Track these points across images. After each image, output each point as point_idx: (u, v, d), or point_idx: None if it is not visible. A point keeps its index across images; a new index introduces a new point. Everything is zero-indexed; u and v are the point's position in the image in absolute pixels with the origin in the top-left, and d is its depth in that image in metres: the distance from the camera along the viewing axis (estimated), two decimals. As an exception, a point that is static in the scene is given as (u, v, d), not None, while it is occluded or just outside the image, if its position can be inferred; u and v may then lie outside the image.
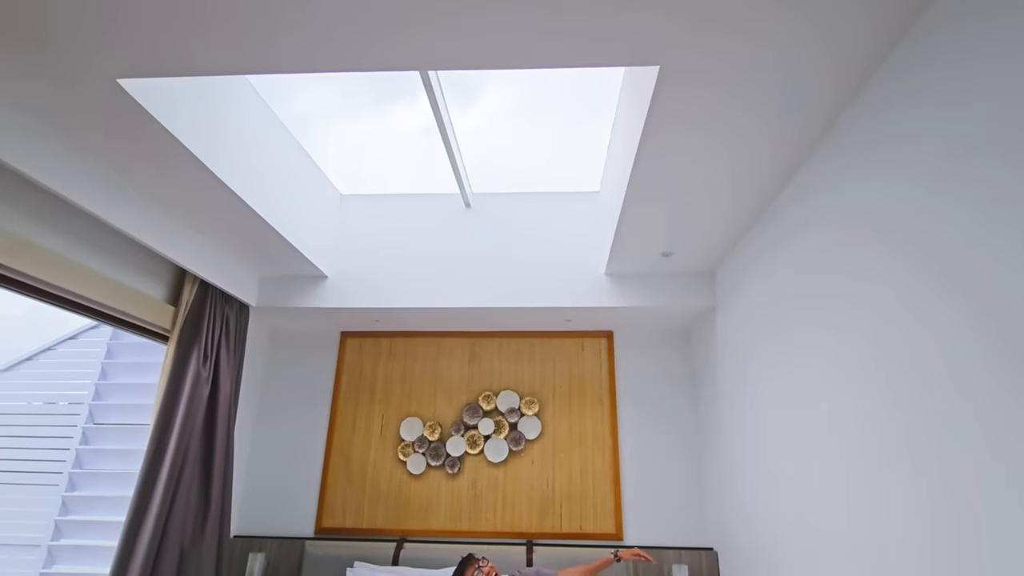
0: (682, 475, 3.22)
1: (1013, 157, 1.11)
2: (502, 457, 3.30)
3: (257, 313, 3.28)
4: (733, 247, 2.72)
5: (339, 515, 3.26)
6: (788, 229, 2.14)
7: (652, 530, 3.13)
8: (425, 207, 3.36)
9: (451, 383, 3.50)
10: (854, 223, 1.68)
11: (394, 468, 3.33)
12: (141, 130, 1.84)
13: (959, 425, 1.24)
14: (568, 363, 3.49)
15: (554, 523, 3.17)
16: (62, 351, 4.04)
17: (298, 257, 2.93)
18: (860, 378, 1.65)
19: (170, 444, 2.41)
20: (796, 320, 2.07)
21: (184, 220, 2.49)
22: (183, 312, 2.63)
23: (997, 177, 1.15)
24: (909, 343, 1.42)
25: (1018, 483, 1.08)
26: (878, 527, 1.55)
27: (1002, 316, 1.13)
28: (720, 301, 2.94)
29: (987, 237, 1.17)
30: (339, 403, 3.49)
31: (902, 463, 1.44)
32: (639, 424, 3.34)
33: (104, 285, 2.26)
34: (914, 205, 1.41)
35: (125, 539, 2.21)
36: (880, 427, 1.54)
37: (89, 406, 3.61)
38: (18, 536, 3.40)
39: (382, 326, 3.53)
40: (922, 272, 1.37)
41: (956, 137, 1.27)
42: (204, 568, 2.50)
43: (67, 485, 3.43)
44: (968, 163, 1.23)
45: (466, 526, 3.20)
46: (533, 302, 3.09)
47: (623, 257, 2.88)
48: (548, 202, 3.32)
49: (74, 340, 4.05)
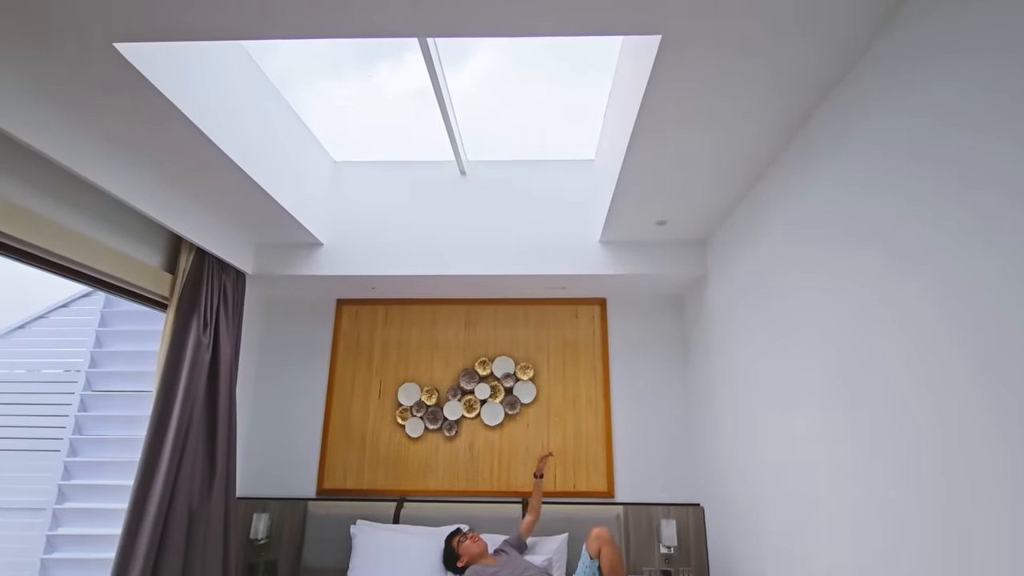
0: (671, 436, 3.35)
1: (998, 135, 1.16)
2: (498, 420, 3.40)
3: (253, 281, 3.29)
4: (726, 217, 2.77)
5: (340, 477, 3.36)
6: (779, 199, 2.19)
7: (642, 488, 3.28)
8: (420, 174, 3.35)
9: (447, 349, 3.56)
10: (841, 195, 1.73)
11: (393, 431, 3.42)
12: (137, 95, 1.81)
13: (937, 387, 1.33)
14: (562, 329, 3.56)
15: (549, 482, 3.29)
16: (54, 319, 4.03)
17: (294, 224, 2.93)
18: (843, 344, 1.73)
19: (174, 410, 2.45)
20: (784, 289, 2.14)
21: (180, 187, 2.47)
22: (181, 280, 2.63)
23: (979, 155, 1.20)
24: (890, 310, 1.49)
25: (988, 446, 1.17)
26: (855, 484, 1.66)
27: (969, 283, 1.20)
28: (712, 269, 3.01)
29: (971, 209, 1.23)
30: (337, 369, 3.55)
31: (883, 425, 1.54)
32: (631, 388, 3.44)
33: (103, 253, 2.25)
34: (897, 179, 1.45)
35: (135, 501, 2.27)
36: (861, 390, 1.63)
37: (86, 373, 3.63)
38: (22, 500, 3.46)
39: (378, 293, 3.56)
40: (901, 244, 1.43)
41: (941, 114, 1.31)
42: (213, 528, 2.58)
43: (68, 451, 3.48)
44: (953, 139, 1.27)
45: (463, 486, 3.32)
46: (528, 270, 3.13)
47: (618, 225, 2.92)
48: (543, 170, 3.33)
49: (66, 308, 4.03)
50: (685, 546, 3.09)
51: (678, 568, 3.06)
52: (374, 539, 2.87)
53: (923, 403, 1.38)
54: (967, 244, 1.24)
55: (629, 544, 3.11)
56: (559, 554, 2.88)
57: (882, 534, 1.54)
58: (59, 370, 3.83)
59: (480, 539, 2.72)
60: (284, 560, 3.17)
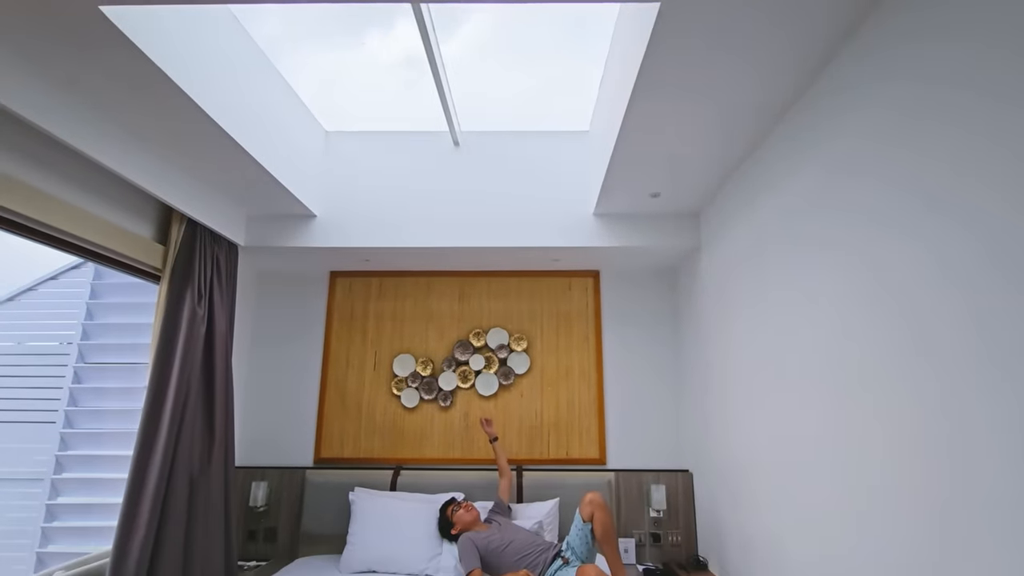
0: (662, 405, 3.43)
1: (995, 95, 1.17)
2: (492, 391, 3.45)
3: (246, 253, 3.27)
4: (720, 189, 2.78)
5: (337, 446, 3.41)
6: (772, 173, 2.20)
7: (633, 455, 3.37)
8: (413, 145, 3.31)
9: (442, 321, 3.59)
10: (835, 168, 1.74)
11: (388, 402, 3.47)
12: (123, 60, 1.77)
13: (927, 355, 1.37)
14: (556, 301, 3.60)
15: (542, 451, 3.38)
16: (44, 292, 3.99)
17: (285, 195, 2.90)
18: (832, 315, 1.77)
19: (171, 380, 2.46)
20: (776, 261, 2.17)
21: (170, 157, 2.44)
22: (173, 251, 2.61)
23: (976, 117, 1.21)
24: (879, 281, 1.52)
25: (979, 409, 1.22)
26: (843, 451, 1.72)
27: (960, 255, 1.23)
28: (705, 242, 3.04)
29: (961, 186, 1.25)
30: (331, 341, 3.57)
31: (871, 392, 1.59)
32: (623, 359, 3.50)
33: (93, 223, 2.23)
34: (891, 150, 1.47)
35: (135, 470, 2.30)
36: (850, 360, 1.68)
37: (78, 346, 3.62)
38: (20, 471, 3.49)
39: (371, 265, 3.55)
40: (891, 219, 1.46)
41: (935, 88, 1.32)
42: (214, 495, 2.63)
43: (64, 422, 3.50)
44: (950, 104, 1.29)
45: (459, 454, 3.39)
46: (522, 242, 3.14)
47: (612, 197, 2.92)
48: (537, 141, 3.30)
49: (56, 281, 3.99)
50: (674, 510, 3.20)
51: (667, 530, 3.18)
52: (372, 505, 2.94)
53: (912, 370, 1.43)
54: (955, 220, 1.27)
55: (620, 508, 3.21)
56: (550, 517, 2.97)
57: (867, 499, 1.61)
58: (50, 343, 3.82)
59: (473, 508, 2.79)
60: (284, 526, 3.24)
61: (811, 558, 1.90)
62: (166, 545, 2.34)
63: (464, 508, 2.78)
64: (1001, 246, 1.15)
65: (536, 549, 2.58)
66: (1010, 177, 1.13)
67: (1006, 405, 1.13)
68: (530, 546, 2.59)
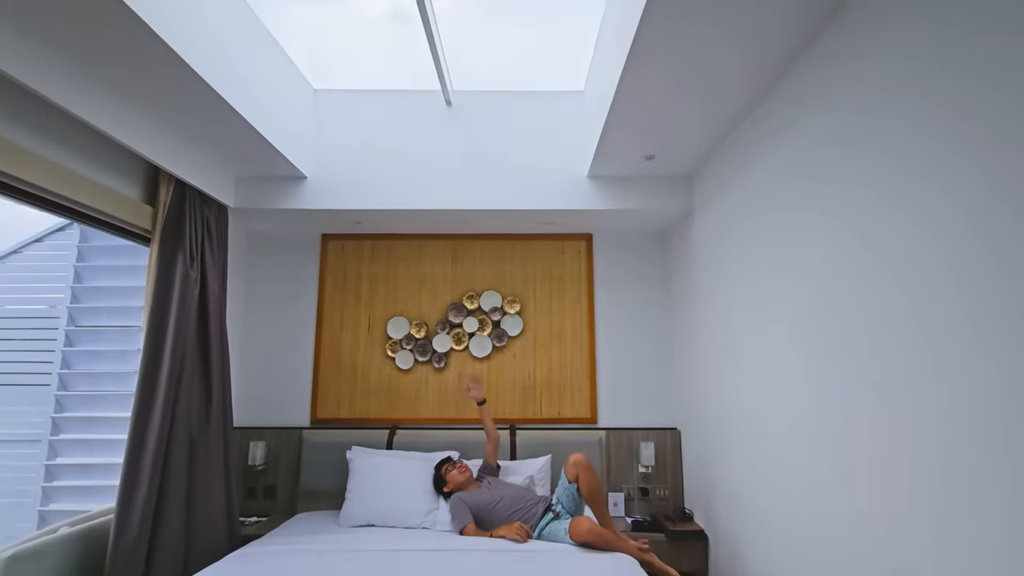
0: (652, 366, 3.51)
1: (981, 66, 1.17)
2: (486, 352, 3.50)
3: (236, 215, 3.23)
4: (714, 151, 2.77)
5: (333, 407, 3.46)
6: (766, 138, 2.20)
7: (623, 414, 3.46)
8: (404, 104, 3.25)
9: (435, 284, 3.60)
10: (827, 134, 1.74)
11: (383, 364, 3.51)
12: (108, 16, 1.70)
13: (910, 320, 1.41)
14: (549, 264, 3.61)
15: (535, 410, 3.46)
16: (29, 254, 3.93)
17: (274, 155, 2.84)
18: (820, 278, 1.80)
19: (167, 343, 2.47)
20: (766, 224, 2.19)
21: (156, 115, 2.37)
22: (163, 212, 2.57)
23: (966, 89, 1.22)
24: (867, 245, 1.55)
25: (963, 367, 1.27)
26: (821, 413, 1.79)
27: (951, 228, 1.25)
28: (698, 205, 3.05)
29: (953, 149, 1.27)
30: (325, 304, 3.57)
31: (856, 356, 1.64)
32: (615, 321, 3.56)
33: (81, 183, 2.18)
34: (884, 118, 1.48)
35: (135, 430, 2.33)
36: (836, 322, 1.72)
37: (68, 309, 3.60)
38: (18, 432, 3.52)
39: (363, 228, 3.53)
40: (882, 184, 1.47)
41: (932, 53, 1.31)
42: (213, 454, 2.68)
43: (58, 385, 3.50)
44: (940, 76, 1.29)
45: (453, 414, 3.46)
46: (516, 204, 3.13)
47: (607, 160, 2.91)
48: (531, 101, 3.25)
49: (40, 243, 3.93)
50: (662, 466, 3.32)
51: (655, 485, 3.30)
52: (370, 463, 3.01)
53: (897, 334, 1.47)
54: (944, 184, 1.29)
55: (610, 464, 3.33)
56: (542, 473, 3.07)
57: (844, 457, 1.68)
58: (38, 306, 3.79)
59: (467, 469, 2.87)
60: (283, 484, 3.32)
61: (789, 510, 2.00)
62: (168, 502, 2.40)
63: (458, 468, 2.85)
64: (992, 215, 1.18)
65: (526, 504, 2.68)
66: (1003, 145, 1.15)
67: (991, 371, 1.18)
68: (520, 501, 2.69)
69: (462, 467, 2.86)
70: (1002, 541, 1.14)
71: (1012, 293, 1.12)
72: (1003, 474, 1.14)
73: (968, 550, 1.22)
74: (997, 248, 1.16)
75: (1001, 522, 1.14)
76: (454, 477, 2.82)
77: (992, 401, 1.17)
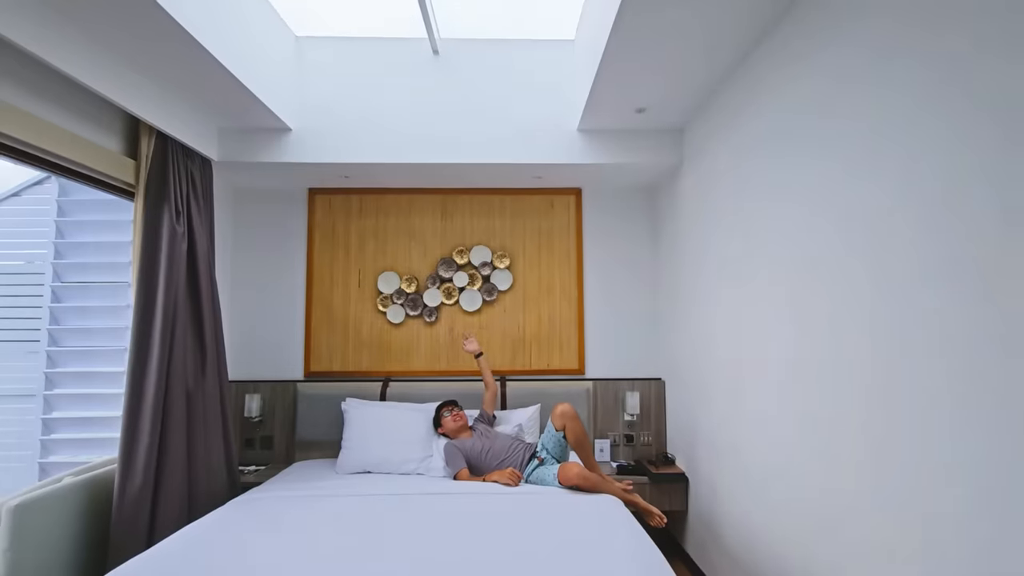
0: (639, 319, 3.59)
1: (982, 4, 1.18)
2: (476, 306, 3.55)
3: (220, 169, 3.17)
4: (705, 104, 2.75)
5: (326, 360, 3.52)
6: (757, 89, 2.18)
7: (610, 365, 3.56)
8: (389, 53, 3.15)
9: (424, 239, 3.60)
10: (820, 85, 1.74)
11: (375, 318, 3.55)
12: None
13: (891, 273, 1.47)
14: (538, 219, 3.62)
15: (524, 362, 3.54)
16: (5, 208, 3.84)
17: (257, 106, 2.77)
18: (805, 233, 1.84)
19: (158, 298, 2.47)
20: (755, 178, 2.21)
21: (133, 64, 2.29)
22: (145, 165, 2.52)
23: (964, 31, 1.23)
24: (855, 201, 1.59)
25: (943, 328, 1.33)
26: (799, 363, 1.87)
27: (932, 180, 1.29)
28: (687, 159, 3.05)
29: (952, 91, 1.28)
30: (314, 259, 3.57)
31: (840, 308, 1.70)
32: (603, 275, 3.61)
33: (59, 136, 2.12)
34: (874, 78, 1.48)
35: (132, 384, 2.37)
36: (820, 276, 1.78)
37: (52, 265, 3.55)
38: (13, 388, 3.54)
39: (351, 183, 3.49)
40: (873, 139, 1.49)
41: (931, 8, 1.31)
42: (210, 406, 2.73)
43: (48, 340, 3.51)
44: (944, 35, 1.29)
45: (444, 367, 3.54)
46: (506, 158, 3.10)
47: (597, 112, 2.87)
48: (520, 50, 3.17)
49: (18, 197, 3.83)
50: (647, 414, 3.45)
51: (639, 432, 3.45)
52: (364, 414, 3.10)
53: (882, 289, 1.53)
54: (932, 146, 1.31)
55: (596, 413, 3.45)
56: (531, 422, 3.19)
57: (803, 405, 1.77)
58: (15, 262, 3.74)
59: (462, 417, 2.97)
60: (279, 434, 3.41)
61: (763, 452, 2.12)
62: (169, 451, 2.47)
63: (452, 416, 2.96)
64: (991, 153, 1.21)
65: (513, 452, 2.80)
66: (998, 92, 1.17)
67: (990, 319, 1.24)
68: (507, 450, 2.81)
69: (456, 416, 2.96)
70: (986, 485, 1.23)
71: (1006, 238, 1.17)
72: (996, 419, 1.22)
73: (942, 491, 1.32)
74: (994, 187, 1.20)
75: (979, 468, 1.23)
76: (447, 423, 2.94)
77: (985, 351, 1.23)
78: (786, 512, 1.98)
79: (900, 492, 1.41)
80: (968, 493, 1.20)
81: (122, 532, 2.26)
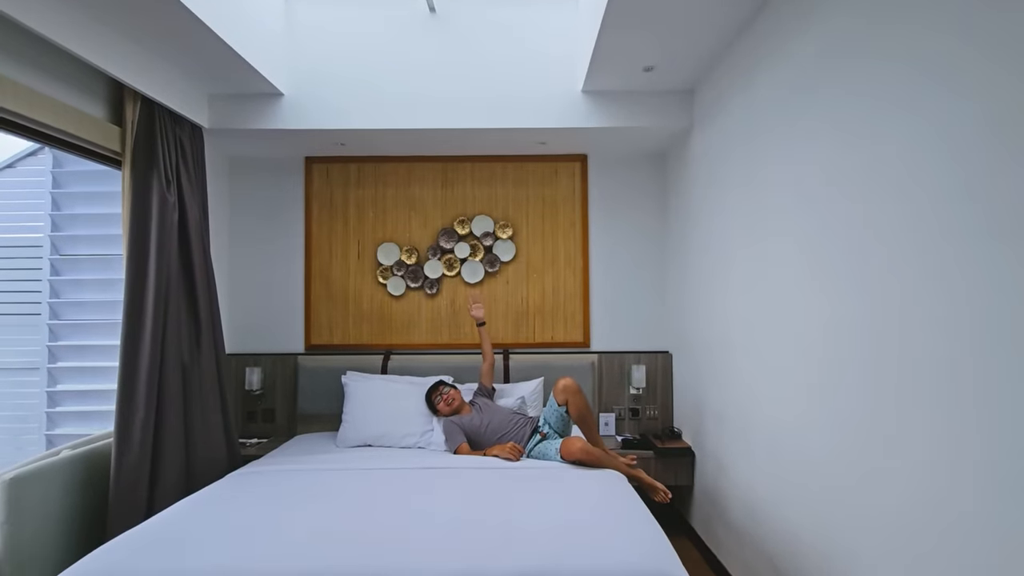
0: (646, 291, 3.49)
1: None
2: (478, 278, 3.46)
3: (212, 136, 3.07)
4: (716, 62, 2.58)
5: (326, 333, 3.47)
6: (770, 46, 2.02)
7: (616, 338, 3.48)
8: (382, 12, 2.99)
9: (425, 209, 3.49)
10: (833, 41, 1.59)
11: (375, 290, 3.48)
12: None
13: (914, 234, 1.35)
14: (542, 187, 3.49)
15: (528, 335, 3.47)
16: (2, 180, 3.79)
17: (246, 70, 2.65)
18: (820, 201, 1.72)
19: (149, 270, 2.41)
20: (766, 142, 2.07)
21: (116, 27, 2.18)
22: (131, 133, 2.43)
23: None
24: (869, 164, 1.46)
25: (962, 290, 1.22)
26: (810, 331, 1.77)
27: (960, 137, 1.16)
28: (696, 121, 2.89)
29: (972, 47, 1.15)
30: (313, 230, 3.49)
31: (851, 278, 1.59)
32: (609, 245, 3.49)
33: (41, 102, 2.03)
34: (885, 37, 1.33)
35: (125, 357, 2.33)
36: (834, 251, 1.66)
37: (50, 238, 3.51)
38: (17, 361, 3.55)
39: (348, 150, 3.37)
40: (887, 99, 1.36)
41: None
42: (206, 379, 2.70)
43: (49, 314, 3.49)
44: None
45: (446, 339, 3.47)
46: (507, 123, 2.96)
47: (603, 72, 2.72)
48: (521, 6, 2.99)
49: (13, 169, 3.77)
50: (652, 387, 3.38)
51: (645, 405, 3.38)
52: (365, 387, 3.06)
53: (902, 251, 1.41)
54: (946, 103, 1.18)
55: (601, 387, 3.38)
56: (535, 396, 3.13)
57: (817, 373, 1.68)
58: (17, 235, 3.71)
59: (456, 397, 2.87)
60: (280, 408, 3.39)
61: (772, 425, 2.04)
62: (166, 425, 2.44)
63: (444, 400, 2.86)
64: (1000, 119, 1.08)
65: (514, 427, 2.73)
66: (1013, 46, 1.03)
67: (997, 277, 1.13)
68: (508, 424, 2.74)
69: (448, 398, 2.87)
70: (998, 451, 1.14)
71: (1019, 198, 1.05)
72: (1002, 390, 1.12)
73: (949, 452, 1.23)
74: (1008, 151, 1.08)
75: (993, 433, 1.14)
76: (442, 409, 2.86)
77: (1000, 312, 1.13)
78: (795, 488, 1.91)
79: (915, 470, 1.32)
80: (986, 458, 1.11)
81: (120, 504, 2.25)
